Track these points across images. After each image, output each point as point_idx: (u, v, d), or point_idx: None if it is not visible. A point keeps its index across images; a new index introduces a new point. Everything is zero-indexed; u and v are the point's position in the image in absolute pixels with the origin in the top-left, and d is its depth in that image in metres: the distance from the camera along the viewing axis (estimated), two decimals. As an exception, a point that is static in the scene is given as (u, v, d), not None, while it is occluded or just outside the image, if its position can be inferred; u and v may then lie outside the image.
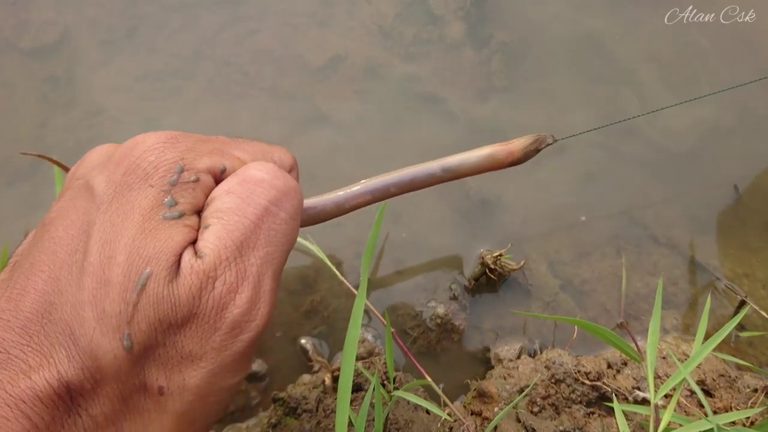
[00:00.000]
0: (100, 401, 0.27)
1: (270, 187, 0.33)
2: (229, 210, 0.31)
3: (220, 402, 0.31)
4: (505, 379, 0.67)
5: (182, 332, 0.29)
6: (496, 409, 0.63)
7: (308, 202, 0.42)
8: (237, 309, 0.29)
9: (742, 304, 0.75)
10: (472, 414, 0.64)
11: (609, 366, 0.69)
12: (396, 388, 0.61)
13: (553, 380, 0.66)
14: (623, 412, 0.54)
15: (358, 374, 0.65)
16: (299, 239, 0.73)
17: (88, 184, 0.31)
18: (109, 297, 0.27)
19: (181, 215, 0.30)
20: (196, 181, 0.32)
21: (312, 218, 0.42)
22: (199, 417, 0.30)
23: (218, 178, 0.34)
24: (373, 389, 0.51)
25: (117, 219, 0.29)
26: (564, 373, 0.66)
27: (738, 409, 0.64)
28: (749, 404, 0.65)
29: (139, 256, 0.28)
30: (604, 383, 0.66)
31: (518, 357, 0.71)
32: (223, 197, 0.32)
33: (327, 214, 0.42)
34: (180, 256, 0.29)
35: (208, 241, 0.30)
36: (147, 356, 0.28)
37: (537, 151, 0.44)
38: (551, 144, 0.44)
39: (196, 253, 0.30)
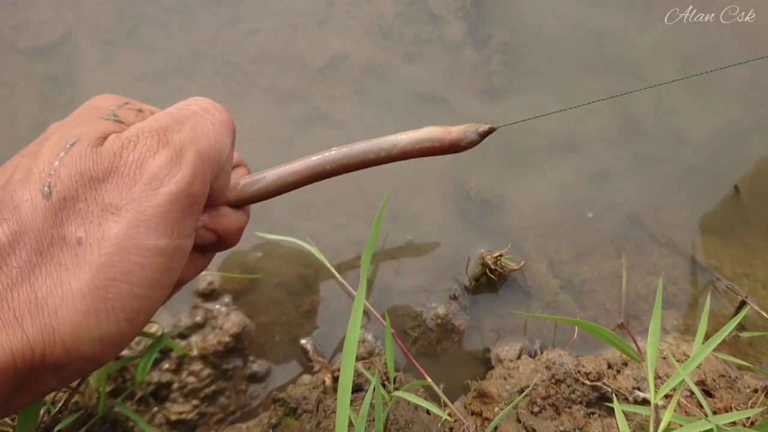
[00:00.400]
0: (15, 254, 0.28)
1: (200, 101, 0.37)
2: (161, 113, 0.35)
3: (145, 266, 0.30)
4: (505, 379, 0.67)
5: (103, 186, 0.30)
6: (496, 409, 0.63)
7: (251, 177, 0.42)
8: (156, 162, 0.31)
9: (742, 304, 0.75)
10: (472, 414, 0.64)
11: (609, 366, 0.69)
12: (396, 389, 0.61)
13: (553, 380, 0.66)
14: (623, 412, 0.54)
15: (358, 374, 0.65)
16: (299, 241, 0.73)
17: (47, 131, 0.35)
18: (36, 161, 0.30)
19: (118, 121, 0.34)
20: (140, 110, 0.37)
21: (257, 193, 0.42)
22: (119, 276, 0.29)
23: None
24: (374, 389, 0.51)
25: (61, 127, 0.33)
26: (564, 373, 0.66)
27: (738, 409, 0.64)
28: (749, 404, 0.65)
29: (70, 133, 0.31)
30: (604, 383, 0.66)
31: (518, 357, 0.71)
32: (158, 113, 0.36)
33: (269, 189, 0.42)
34: (108, 136, 0.32)
35: (134, 125, 0.33)
36: (67, 208, 0.29)
37: (479, 135, 0.43)
38: (492, 131, 0.44)
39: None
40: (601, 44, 0.96)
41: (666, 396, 0.64)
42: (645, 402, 0.64)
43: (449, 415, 0.62)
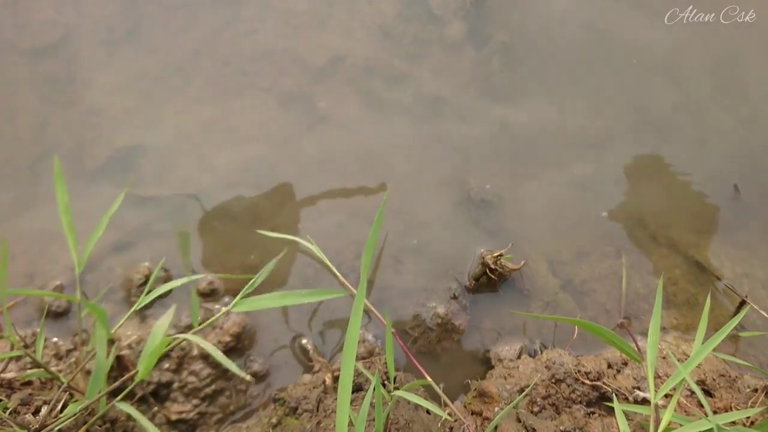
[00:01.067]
0: None
1: None
2: None
3: None
4: (505, 379, 0.67)
5: None
6: (496, 408, 0.63)
7: None
8: None
9: (742, 304, 0.75)
10: (472, 414, 0.64)
11: (609, 366, 0.69)
12: (396, 388, 0.61)
13: (553, 380, 0.66)
14: (623, 412, 0.54)
15: (358, 374, 0.65)
16: (300, 240, 0.73)
17: None
18: None
19: None
20: None
21: None
22: None
23: None
24: (374, 389, 0.51)
25: None
26: (564, 373, 0.66)
27: (738, 409, 0.64)
28: (749, 404, 0.65)
29: None
30: (604, 383, 0.66)
31: (518, 357, 0.71)
32: None
33: None
34: None
35: None
36: None
37: None
38: None
39: None
40: (601, 42, 0.96)
41: (666, 395, 0.64)
42: (645, 401, 0.64)
43: (449, 414, 0.62)
